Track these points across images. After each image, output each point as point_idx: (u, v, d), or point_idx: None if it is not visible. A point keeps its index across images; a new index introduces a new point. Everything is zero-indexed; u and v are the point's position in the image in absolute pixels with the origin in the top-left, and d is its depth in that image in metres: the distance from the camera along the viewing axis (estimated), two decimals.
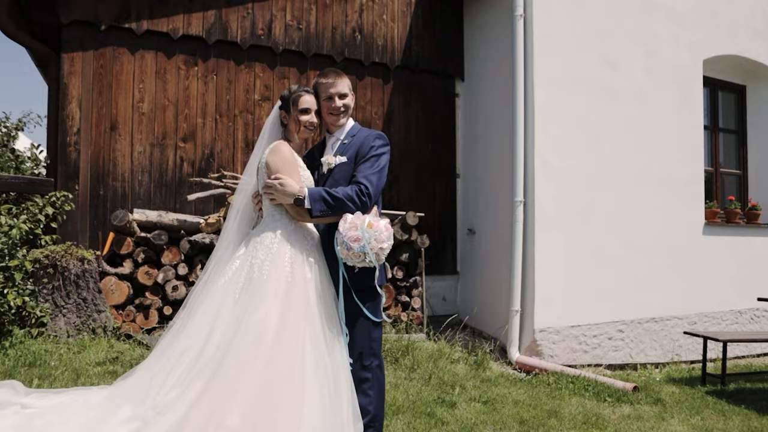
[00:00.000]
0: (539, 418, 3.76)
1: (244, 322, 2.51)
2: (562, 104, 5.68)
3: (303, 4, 6.02)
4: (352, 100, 2.99)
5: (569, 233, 5.67)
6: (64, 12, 5.07)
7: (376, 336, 2.80)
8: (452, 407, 3.84)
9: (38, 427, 2.50)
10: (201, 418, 2.36)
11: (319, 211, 2.65)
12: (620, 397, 4.35)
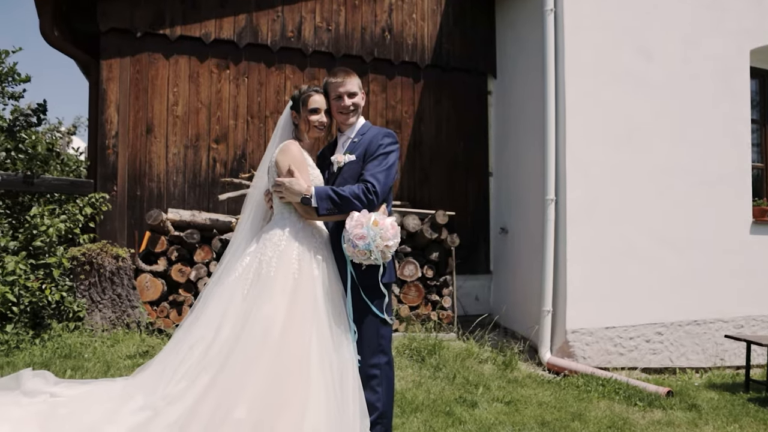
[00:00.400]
0: (562, 420, 3.67)
1: (252, 317, 2.56)
2: (594, 98, 5.52)
3: (332, 6, 6.08)
4: (363, 98, 2.99)
5: (603, 231, 5.51)
6: (103, 20, 5.29)
7: (384, 333, 2.80)
8: (473, 407, 3.79)
9: (62, 414, 2.62)
10: (209, 409, 2.42)
11: (325, 209, 2.67)
12: (652, 402, 4.19)
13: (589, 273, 5.46)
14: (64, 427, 2.50)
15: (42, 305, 4.13)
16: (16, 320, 4.02)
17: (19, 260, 4.05)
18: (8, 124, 5.50)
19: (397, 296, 5.65)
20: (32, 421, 2.60)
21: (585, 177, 5.49)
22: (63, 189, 5.09)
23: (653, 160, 5.65)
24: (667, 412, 4.01)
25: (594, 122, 5.50)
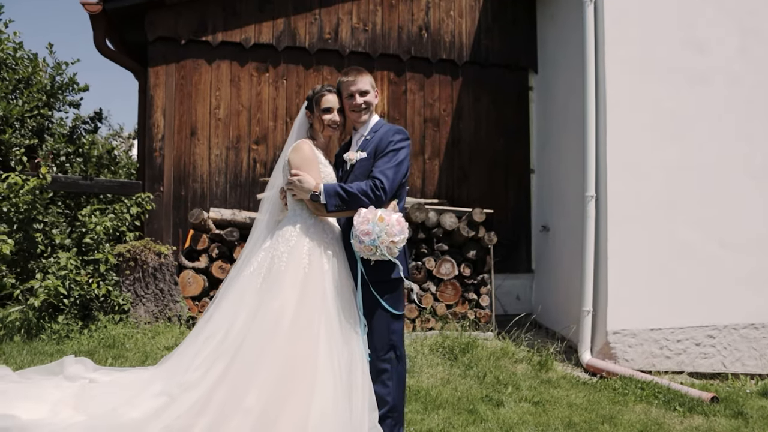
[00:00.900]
0: (591, 422, 3.56)
1: (262, 310, 2.64)
2: (639, 92, 5.31)
3: (369, 6, 6.14)
4: (375, 96, 3.02)
5: (649, 229, 5.28)
6: (150, 30, 5.58)
7: (395, 328, 2.82)
8: (498, 406, 3.74)
9: (91, 396, 2.80)
10: (220, 397, 2.53)
11: (333, 206, 2.72)
12: (693, 407, 3.99)
13: (632, 272, 5.25)
14: (90, 407, 2.67)
15: (90, 298, 4.41)
16: (66, 312, 4.32)
17: (70, 256, 4.35)
18: (68, 130, 5.89)
19: (433, 294, 5.64)
20: (68, 402, 2.79)
21: (628, 173, 5.28)
22: (114, 190, 5.40)
23: (706, 156, 5.36)
24: (708, 418, 3.81)
25: (638, 117, 5.28)
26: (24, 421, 2.59)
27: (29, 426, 2.55)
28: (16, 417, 2.60)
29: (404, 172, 2.89)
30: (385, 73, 6.23)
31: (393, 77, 6.25)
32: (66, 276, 4.26)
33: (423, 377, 4.28)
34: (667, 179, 5.31)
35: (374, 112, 3.07)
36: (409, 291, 5.29)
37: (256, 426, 2.46)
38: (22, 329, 4.10)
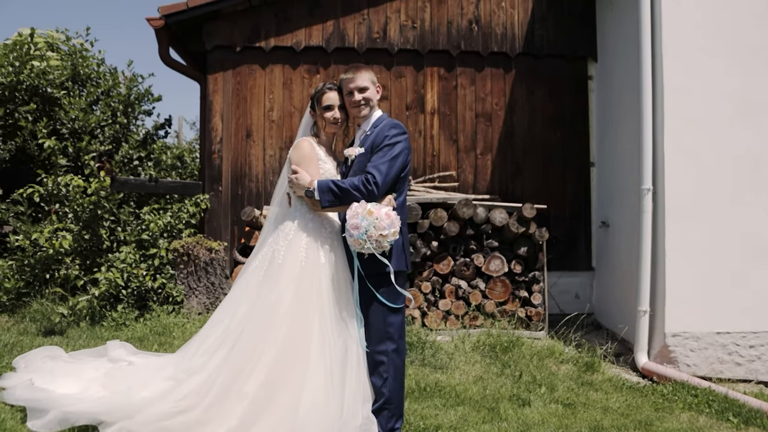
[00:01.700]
0: (621, 428, 3.36)
1: (260, 302, 2.77)
2: (701, 75, 4.90)
3: (417, 3, 6.15)
4: (375, 92, 3.05)
5: (715, 224, 4.87)
6: (208, 39, 5.94)
7: (393, 321, 2.83)
8: (524, 405, 3.63)
9: (116, 376, 3.08)
10: (221, 382, 2.69)
11: (327, 201, 2.78)
12: (750, 419, 3.63)
13: (694, 270, 4.86)
14: (113, 386, 2.94)
15: (146, 290, 4.80)
16: (124, 302, 4.73)
17: (130, 251, 4.76)
18: (142, 137, 6.41)
19: (482, 291, 5.55)
20: (100, 380, 3.09)
21: (690, 164, 4.90)
22: (177, 190, 5.81)
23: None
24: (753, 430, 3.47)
25: (701, 101, 4.88)
26: (57, 394, 2.89)
27: (59, 398, 2.85)
28: (51, 391, 2.91)
29: (399, 166, 2.90)
30: (435, 69, 6.20)
31: (443, 73, 6.21)
32: (124, 269, 4.67)
33: (456, 374, 4.23)
34: (735, 170, 4.87)
35: (377, 108, 3.10)
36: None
37: (249, 409, 2.59)
38: (87, 316, 4.54)
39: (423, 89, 6.20)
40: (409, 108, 6.19)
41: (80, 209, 4.71)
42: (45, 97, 5.85)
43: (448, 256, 5.56)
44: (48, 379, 3.08)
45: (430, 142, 6.20)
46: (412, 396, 3.64)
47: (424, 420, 3.24)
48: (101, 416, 2.71)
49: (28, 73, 5.69)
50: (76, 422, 2.71)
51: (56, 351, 3.58)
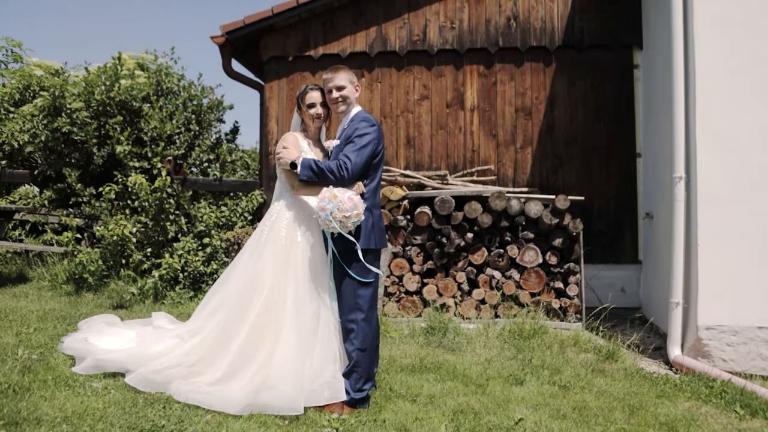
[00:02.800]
0: (606, 409, 3.39)
1: (247, 273, 3.22)
2: (738, 52, 4.68)
3: (456, 4, 6.37)
4: (353, 90, 3.38)
5: (752, 213, 4.64)
6: (264, 52, 6.58)
7: (362, 293, 3.14)
8: (516, 384, 3.76)
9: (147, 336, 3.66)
10: (213, 340, 3.17)
11: (305, 176, 3.15)
12: (758, 411, 3.49)
13: (731, 261, 4.65)
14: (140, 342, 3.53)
15: (200, 274, 5.46)
16: (181, 284, 5.42)
17: (189, 240, 5.45)
18: (212, 142, 7.20)
19: (516, 282, 5.65)
20: (134, 340, 3.71)
21: (726, 151, 4.69)
22: (238, 188, 6.49)
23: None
24: (758, 421, 3.33)
25: (738, 82, 4.67)
26: (99, 348, 3.55)
27: (99, 350, 3.50)
28: (95, 345, 3.59)
29: (369, 155, 3.20)
30: (474, 67, 6.39)
31: (482, 70, 6.38)
32: (183, 256, 5.37)
33: (466, 356, 4.42)
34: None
35: (355, 104, 3.42)
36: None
37: (233, 363, 3.05)
38: (151, 295, 5.28)
39: (462, 87, 6.41)
40: (449, 106, 6.43)
41: (147, 205, 5.49)
42: (130, 110, 6.79)
43: (482, 247, 5.72)
44: (98, 337, 3.75)
45: (470, 137, 6.39)
46: (409, 371, 3.91)
47: (408, 389, 3.50)
48: (125, 365, 3.30)
49: (117, 90, 6.65)
50: (106, 369, 3.34)
51: (113, 318, 4.28)
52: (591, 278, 5.98)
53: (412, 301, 5.67)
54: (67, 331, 4.19)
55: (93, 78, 6.68)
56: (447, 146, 6.41)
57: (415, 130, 6.47)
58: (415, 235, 5.73)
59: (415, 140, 6.48)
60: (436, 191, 5.81)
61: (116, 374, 3.35)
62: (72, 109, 6.51)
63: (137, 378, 3.16)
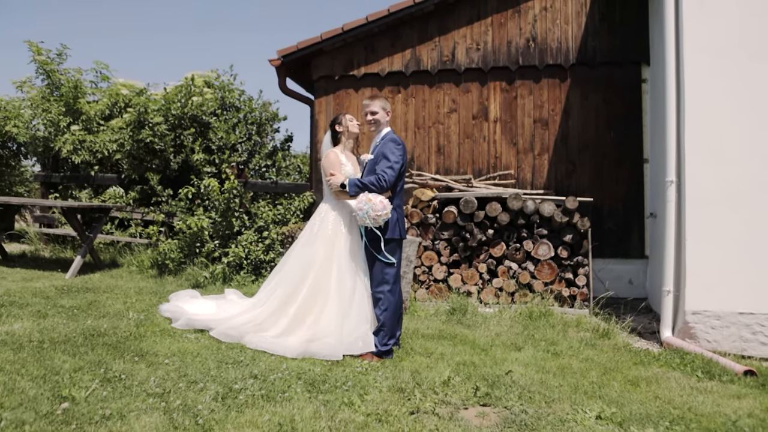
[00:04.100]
0: (585, 370, 4.19)
1: (302, 257, 4.21)
2: (723, 73, 5.37)
3: (481, 28, 7.23)
4: (384, 116, 4.31)
5: (734, 213, 5.31)
6: (314, 72, 7.61)
7: (387, 271, 4.08)
8: (515, 350, 4.59)
9: (225, 304, 4.72)
10: (275, 307, 4.17)
11: (353, 191, 4.11)
12: (716, 376, 4.21)
13: (716, 255, 5.32)
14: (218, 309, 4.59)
15: (260, 261, 6.54)
16: (245, 269, 6.51)
17: (251, 233, 6.53)
18: (269, 150, 8.29)
19: (531, 273, 6.46)
20: (215, 306, 4.77)
21: (709, 157, 5.38)
22: (291, 190, 7.54)
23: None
24: (718, 383, 4.06)
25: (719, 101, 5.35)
26: (189, 311, 4.62)
27: (189, 313, 4.57)
28: (185, 309, 4.65)
29: (398, 169, 4.11)
30: (497, 83, 7.22)
31: (504, 86, 7.21)
32: (246, 246, 6.46)
33: (480, 330, 5.28)
34: (758, 160, 5.25)
35: (386, 125, 4.35)
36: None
37: (290, 322, 4.04)
38: (221, 278, 6.38)
39: (487, 101, 7.25)
40: (475, 118, 7.29)
41: (217, 203, 6.61)
42: (201, 123, 7.95)
43: (501, 242, 6.56)
44: (187, 304, 4.85)
45: (493, 146, 7.23)
46: (429, 338, 4.81)
47: (425, 350, 4.40)
48: (209, 324, 4.36)
49: (190, 106, 7.82)
50: (195, 326, 4.42)
51: (194, 293, 5.39)
52: (600, 271, 6.72)
53: (440, 288, 6.55)
54: (160, 302, 5.31)
55: (171, 96, 7.87)
56: (473, 153, 7.27)
57: (445, 139, 7.36)
58: (443, 231, 6.61)
59: (444, 148, 7.37)
60: (461, 193, 6.68)
61: (202, 330, 4.41)
62: (153, 123, 7.72)
63: (218, 332, 4.20)
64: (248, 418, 2.74)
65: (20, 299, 5.05)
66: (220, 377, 3.32)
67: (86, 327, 4.20)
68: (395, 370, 3.73)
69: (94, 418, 2.63)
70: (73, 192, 8.84)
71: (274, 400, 3.00)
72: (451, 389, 3.40)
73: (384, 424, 2.80)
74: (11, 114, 9.15)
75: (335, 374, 3.51)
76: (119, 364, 3.43)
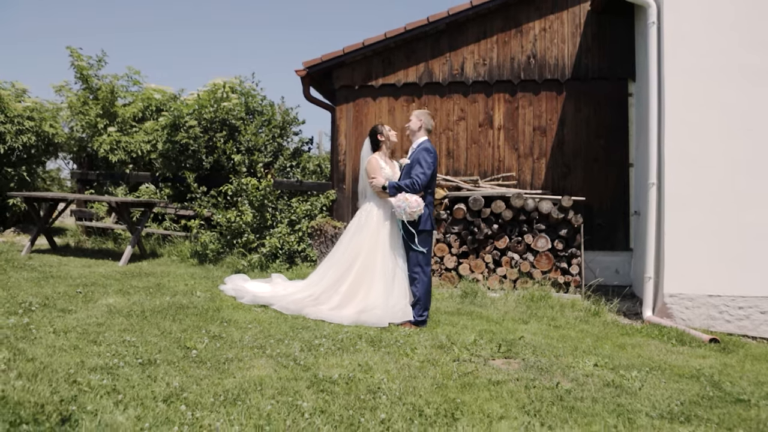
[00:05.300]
0: (580, 338, 5.10)
1: (352, 245, 5.08)
2: (697, 94, 6.31)
3: (487, 46, 8.14)
4: (417, 124, 5.18)
5: (706, 212, 6.25)
6: (336, 82, 8.46)
7: (421, 257, 4.96)
8: (523, 323, 5.50)
9: (279, 284, 5.57)
10: (329, 286, 5.04)
11: (393, 192, 4.99)
12: (686, 342, 5.16)
13: (689, 246, 6.28)
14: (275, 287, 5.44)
15: (293, 251, 7.38)
16: (280, 258, 7.35)
17: (284, 227, 7.37)
18: (292, 151, 9.12)
19: (530, 263, 7.38)
20: (270, 286, 5.61)
21: (686, 164, 6.33)
22: (314, 188, 8.38)
23: None
24: (690, 348, 4.99)
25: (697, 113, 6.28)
26: (251, 290, 5.46)
27: (250, 291, 5.41)
28: (246, 288, 5.51)
29: (430, 174, 4.99)
30: (501, 95, 8.13)
31: (507, 97, 8.12)
32: (281, 238, 7.29)
33: (490, 310, 6.18)
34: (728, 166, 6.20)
35: (421, 134, 5.22)
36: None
37: (342, 298, 4.90)
38: (258, 266, 7.22)
39: (492, 111, 8.16)
40: (481, 125, 8.19)
41: (254, 199, 7.43)
42: (230, 126, 8.76)
43: (504, 236, 7.47)
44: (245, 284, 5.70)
45: (497, 150, 8.14)
46: (450, 314, 5.69)
47: (450, 322, 5.29)
48: (270, 300, 5.22)
49: (221, 110, 8.62)
50: (259, 302, 5.27)
51: (246, 276, 6.23)
52: (591, 261, 7.66)
53: (450, 276, 7.45)
54: (213, 285, 6.14)
55: (203, 101, 8.67)
56: (479, 157, 8.18)
57: (454, 144, 8.25)
58: (453, 226, 7.51)
59: (453, 152, 8.26)
60: (469, 192, 7.58)
61: (264, 306, 5.25)
62: (188, 126, 8.52)
63: (280, 306, 5.06)
64: (334, 361, 3.61)
65: (97, 281, 5.84)
66: (298, 336, 4.18)
67: (170, 302, 5.02)
68: (432, 334, 4.61)
69: (221, 360, 3.47)
70: (108, 189, 9.60)
71: (348, 351, 3.87)
72: (479, 347, 4.29)
73: (435, 366, 3.68)
74: (48, 116, 9.87)
75: (387, 336, 4.39)
76: (215, 327, 4.27)
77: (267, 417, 2.58)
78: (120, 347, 3.58)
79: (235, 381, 3.08)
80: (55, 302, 4.75)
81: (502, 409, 2.88)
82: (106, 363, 3.22)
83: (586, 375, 3.70)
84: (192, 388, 2.93)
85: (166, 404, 2.68)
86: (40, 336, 3.70)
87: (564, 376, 3.65)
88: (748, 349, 5.15)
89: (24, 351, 3.35)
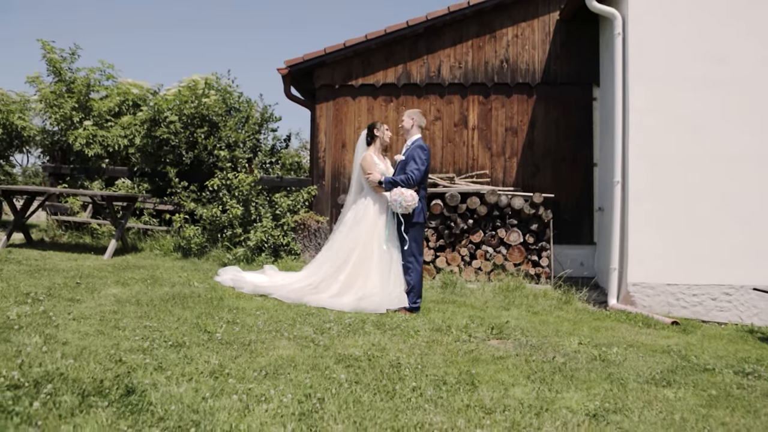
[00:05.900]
0: (559, 322, 5.56)
1: (349, 237, 5.36)
2: (658, 100, 6.91)
3: (462, 50, 8.55)
4: (410, 122, 5.52)
5: (665, 209, 6.85)
6: (316, 81, 8.69)
7: (414, 248, 5.31)
8: (505, 310, 5.93)
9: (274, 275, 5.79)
10: (327, 275, 5.30)
11: (388, 187, 5.30)
12: (651, 325, 5.70)
13: (650, 240, 6.88)
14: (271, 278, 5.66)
15: (278, 245, 7.59)
16: (265, 252, 7.54)
17: (268, 221, 7.56)
18: (270, 147, 9.29)
19: (504, 255, 7.83)
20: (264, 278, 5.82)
21: (649, 164, 6.91)
22: (295, 184, 8.59)
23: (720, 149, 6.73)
24: (654, 330, 5.53)
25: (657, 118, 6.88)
26: (249, 280, 5.66)
27: (247, 279, 5.61)
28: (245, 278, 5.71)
29: (424, 170, 5.34)
30: (476, 96, 8.56)
31: (481, 99, 8.56)
32: (266, 232, 7.49)
33: (470, 299, 6.58)
34: (684, 166, 6.82)
35: (416, 132, 5.56)
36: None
37: (341, 287, 5.19)
38: (243, 260, 7.39)
39: (466, 111, 8.58)
40: (456, 125, 8.60)
41: (240, 194, 7.59)
42: (211, 122, 8.86)
43: (479, 230, 7.90)
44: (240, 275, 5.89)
45: (471, 149, 8.57)
46: (436, 303, 6.06)
47: (441, 310, 5.65)
48: (269, 290, 5.44)
49: (201, 107, 8.71)
50: (259, 292, 5.48)
51: (238, 269, 6.40)
52: (559, 254, 8.19)
53: (428, 268, 7.82)
54: (207, 276, 6.29)
55: (184, 96, 8.73)
56: (454, 155, 8.59)
57: (431, 143, 8.62)
58: (431, 221, 7.88)
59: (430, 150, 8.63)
60: (446, 189, 7.98)
61: (263, 296, 5.46)
62: (169, 121, 8.57)
63: (280, 295, 5.30)
64: (349, 342, 3.90)
65: (91, 273, 5.91)
66: (307, 321, 4.44)
67: (172, 292, 5.18)
68: (428, 319, 4.96)
69: (245, 342, 3.70)
70: (83, 183, 9.50)
71: (358, 333, 4.17)
72: (473, 330, 4.67)
73: (441, 345, 4.03)
74: (15, 108, 9.67)
75: (388, 321, 4.71)
76: (226, 314, 4.48)
77: (310, 387, 2.85)
78: (145, 331, 3.76)
79: (267, 359, 3.33)
80: (59, 293, 4.84)
81: (512, 379, 3.26)
82: (139, 345, 3.41)
83: (575, 351, 4.12)
84: (230, 365, 3.17)
85: (213, 378, 2.91)
86: (62, 323, 3.82)
87: (556, 352, 4.07)
88: (704, 331, 5.74)
89: (54, 336, 3.49)
